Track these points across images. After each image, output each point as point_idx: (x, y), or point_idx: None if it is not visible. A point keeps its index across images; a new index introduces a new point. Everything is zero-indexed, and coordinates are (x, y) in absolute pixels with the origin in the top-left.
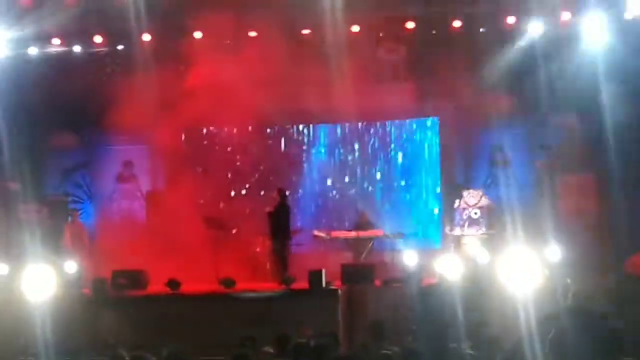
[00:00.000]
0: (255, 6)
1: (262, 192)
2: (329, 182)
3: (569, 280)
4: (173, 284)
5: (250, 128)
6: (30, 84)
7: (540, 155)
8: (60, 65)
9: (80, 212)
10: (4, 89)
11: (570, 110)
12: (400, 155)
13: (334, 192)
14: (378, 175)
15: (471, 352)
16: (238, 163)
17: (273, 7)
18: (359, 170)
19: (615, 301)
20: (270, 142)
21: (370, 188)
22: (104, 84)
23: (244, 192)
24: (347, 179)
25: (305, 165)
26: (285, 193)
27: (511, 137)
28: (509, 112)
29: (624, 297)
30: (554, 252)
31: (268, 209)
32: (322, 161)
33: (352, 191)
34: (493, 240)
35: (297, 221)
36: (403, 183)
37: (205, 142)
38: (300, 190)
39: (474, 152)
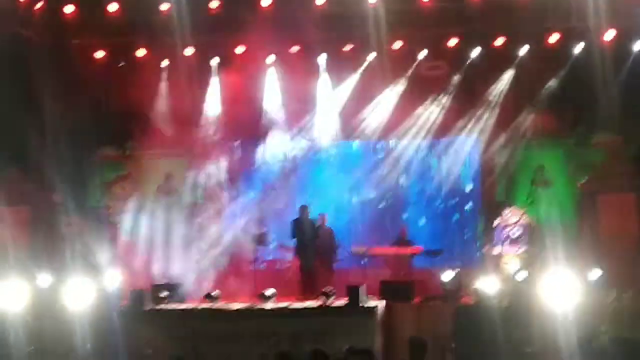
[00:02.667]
0: (299, 22)
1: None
2: (368, 197)
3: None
4: (211, 297)
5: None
6: (74, 96)
7: (582, 175)
8: (104, 78)
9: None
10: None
11: (612, 130)
12: (440, 172)
13: (374, 208)
14: (418, 192)
15: None
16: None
17: (316, 22)
18: (399, 186)
19: None
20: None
21: (409, 205)
22: (145, 96)
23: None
24: (386, 195)
25: (343, 180)
26: (304, 208)
27: (553, 156)
28: (551, 130)
29: None
30: (595, 272)
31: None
32: (360, 177)
33: (391, 207)
34: (533, 259)
35: (337, 237)
36: (442, 200)
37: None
38: (338, 206)
39: (515, 170)
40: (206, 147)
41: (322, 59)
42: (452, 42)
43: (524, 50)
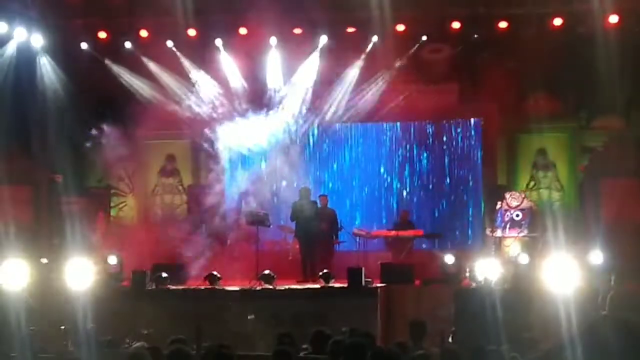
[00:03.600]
0: (302, 4)
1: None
2: (368, 181)
3: (612, 282)
4: (212, 278)
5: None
6: (77, 78)
7: (584, 159)
8: (107, 58)
9: (122, 205)
10: (50, 82)
11: (614, 113)
12: (441, 156)
13: (375, 191)
14: (419, 175)
15: (511, 354)
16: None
17: (319, 4)
18: (399, 170)
19: None
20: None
21: (410, 188)
22: (147, 78)
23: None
24: (387, 179)
25: (345, 163)
26: (306, 190)
27: (555, 140)
28: (553, 114)
29: None
30: (596, 256)
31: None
32: (361, 160)
33: (392, 190)
34: (534, 242)
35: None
36: (444, 183)
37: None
38: (340, 189)
39: (517, 154)
40: (206, 127)
41: (323, 40)
42: (455, 25)
43: (526, 33)
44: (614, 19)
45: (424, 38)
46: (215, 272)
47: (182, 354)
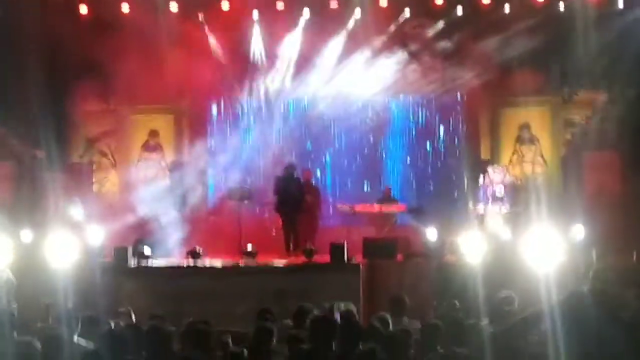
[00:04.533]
0: None
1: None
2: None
3: (594, 257)
4: (194, 254)
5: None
6: (58, 51)
7: (567, 133)
8: (89, 33)
9: (104, 180)
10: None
11: (597, 88)
12: (424, 130)
13: (359, 166)
14: (401, 150)
15: (491, 329)
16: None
17: None
18: (383, 144)
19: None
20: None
21: (393, 163)
22: (130, 53)
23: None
24: (371, 153)
25: (327, 138)
26: (291, 167)
27: (538, 114)
28: (536, 88)
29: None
30: (578, 230)
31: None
32: (345, 134)
33: (375, 165)
34: (517, 217)
35: (322, 195)
36: (427, 157)
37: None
38: (324, 163)
39: (500, 128)
40: (190, 102)
41: (306, 15)
42: (438, 0)
43: (508, 8)
44: None
45: (407, 13)
46: (197, 248)
47: (160, 331)
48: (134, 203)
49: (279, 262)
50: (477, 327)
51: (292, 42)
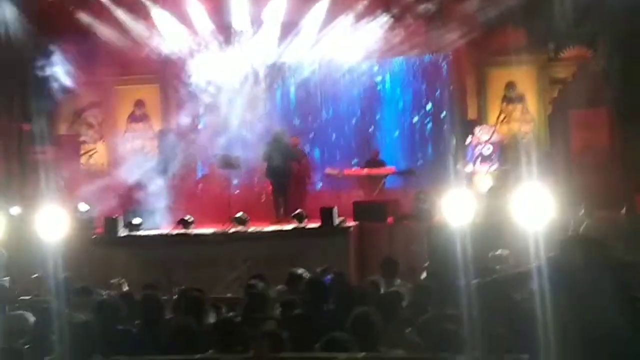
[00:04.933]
0: None
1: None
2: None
3: (582, 213)
4: (185, 222)
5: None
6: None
7: (553, 91)
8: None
9: (92, 152)
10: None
11: (582, 44)
12: (410, 92)
13: (347, 130)
14: (389, 114)
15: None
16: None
17: None
18: (368, 107)
19: (625, 237)
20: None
21: (381, 127)
22: (114, 24)
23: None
24: (357, 117)
25: (315, 103)
26: (280, 133)
27: (523, 73)
28: (521, 47)
29: (634, 233)
30: (564, 187)
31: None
32: (331, 98)
33: (362, 128)
34: (505, 176)
35: (310, 159)
36: (415, 119)
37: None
38: (313, 128)
39: (487, 87)
40: (174, 70)
41: None
42: None
43: None
44: None
45: None
46: (188, 217)
47: (154, 300)
48: (122, 174)
49: (270, 228)
50: (469, 289)
51: (275, 7)
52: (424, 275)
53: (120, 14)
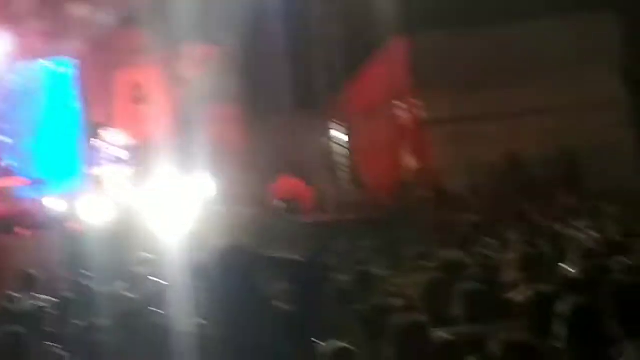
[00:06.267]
0: None
1: None
2: None
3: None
4: None
5: None
6: None
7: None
8: None
9: None
10: None
11: (210, 41)
12: (39, 97)
13: None
14: (14, 121)
15: (127, 293)
16: None
17: None
18: None
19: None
20: None
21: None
22: None
23: None
24: None
25: None
26: None
27: (150, 73)
28: (146, 47)
29: (266, 228)
30: (207, 184)
31: None
32: None
33: None
34: (137, 177)
35: None
36: (45, 126)
37: None
38: None
39: (115, 90)
40: None
41: None
42: None
43: None
44: None
45: None
46: None
47: None
48: None
49: None
50: (114, 293)
51: None
52: (65, 286)
53: None
